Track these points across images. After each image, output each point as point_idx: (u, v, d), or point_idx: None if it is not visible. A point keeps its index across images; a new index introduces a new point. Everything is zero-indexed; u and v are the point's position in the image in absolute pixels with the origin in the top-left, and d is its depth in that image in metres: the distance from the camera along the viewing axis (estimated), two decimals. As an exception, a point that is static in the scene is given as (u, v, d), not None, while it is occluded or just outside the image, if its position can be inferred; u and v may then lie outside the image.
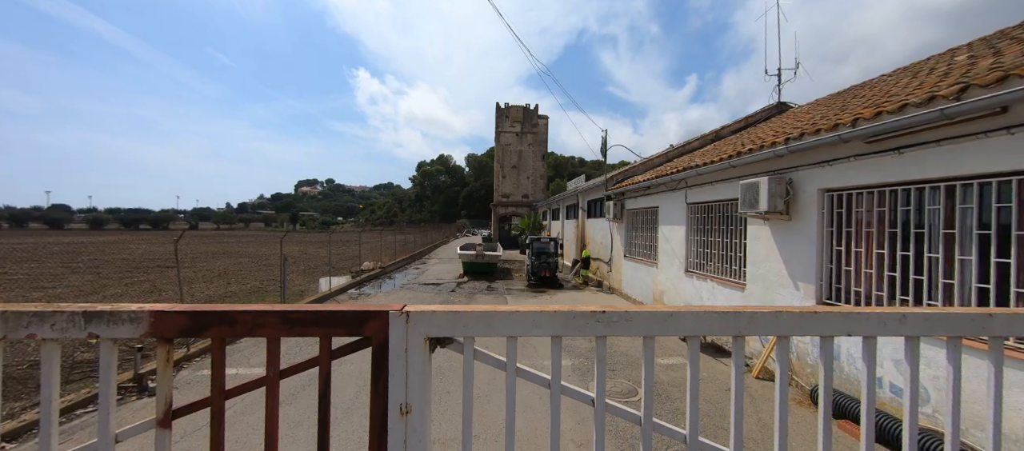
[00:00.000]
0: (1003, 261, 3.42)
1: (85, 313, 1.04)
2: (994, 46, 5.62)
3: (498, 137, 34.76)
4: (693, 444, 1.17)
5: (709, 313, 1.17)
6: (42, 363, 1.05)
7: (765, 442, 4.09)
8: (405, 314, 1.10)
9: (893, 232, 4.35)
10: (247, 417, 4.51)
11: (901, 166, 4.18)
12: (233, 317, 1.07)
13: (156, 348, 1.08)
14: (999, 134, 3.34)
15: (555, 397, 1.16)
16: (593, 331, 1.15)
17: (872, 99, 5.85)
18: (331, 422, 1.14)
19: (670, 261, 9.16)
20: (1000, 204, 3.45)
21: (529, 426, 4.31)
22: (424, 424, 1.12)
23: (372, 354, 1.11)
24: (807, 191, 5.36)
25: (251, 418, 4.49)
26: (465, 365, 1.15)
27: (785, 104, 13.04)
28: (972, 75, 3.70)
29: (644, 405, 1.18)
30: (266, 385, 1.11)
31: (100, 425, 1.06)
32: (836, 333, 1.18)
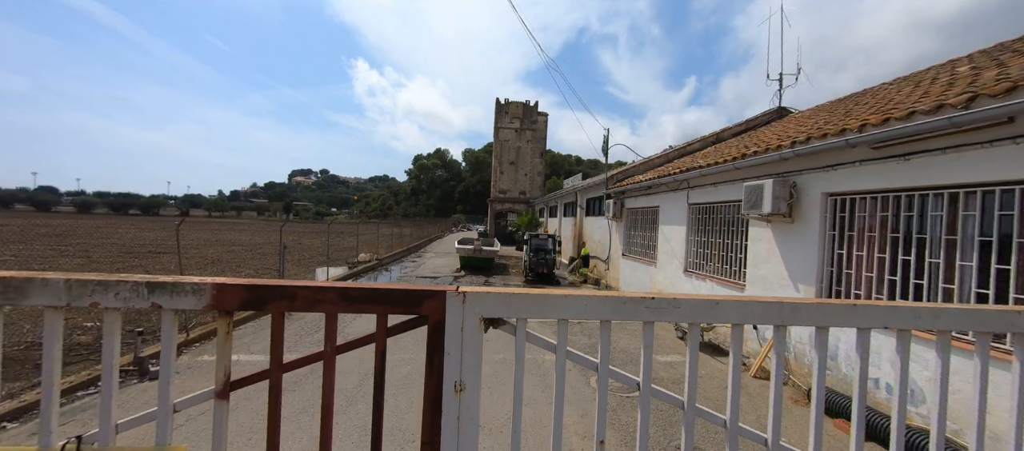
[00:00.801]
0: (1003, 267, 3.52)
1: (148, 284, 1.05)
2: (996, 58, 5.73)
3: (497, 133, 34.70)
4: (733, 429, 1.21)
5: (752, 303, 1.20)
6: (104, 332, 1.06)
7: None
8: (462, 295, 1.13)
9: (895, 237, 4.45)
10: (251, 403, 4.50)
11: (906, 172, 4.26)
12: (293, 292, 1.09)
13: (217, 320, 1.10)
14: (1005, 143, 3.42)
15: (602, 379, 1.20)
16: (641, 316, 1.18)
17: (875, 106, 5.94)
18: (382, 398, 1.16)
19: (669, 260, 9.25)
20: (1003, 212, 3.54)
21: (531, 416, 4.36)
22: (476, 401, 1.15)
23: (428, 332, 1.14)
24: (811, 195, 5.45)
25: (255, 403, 4.48)
26: (517, 345, 1.17)
27: (785, 109, 13.17)
28: (979, 85, 3.79)
29: (688, 390, 1.21)
30: (323, 360, 1.13)
31: (160, 395, 1.07)
32: (874, 326, 1.22)
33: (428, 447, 1.14)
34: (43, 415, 1.03)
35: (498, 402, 4.69)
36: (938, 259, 4.03)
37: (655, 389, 1.21)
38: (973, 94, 3.51)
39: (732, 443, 1.21)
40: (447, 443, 1.13)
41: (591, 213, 16.32)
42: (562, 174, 56.43)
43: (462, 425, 1.14)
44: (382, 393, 1.16)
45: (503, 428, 4.15)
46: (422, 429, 1.15)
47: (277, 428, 1.12)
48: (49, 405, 1.03)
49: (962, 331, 1.27)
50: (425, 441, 1.14)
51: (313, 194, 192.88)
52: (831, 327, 1.22)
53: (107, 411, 1.05)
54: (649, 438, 1.22)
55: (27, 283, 1.01)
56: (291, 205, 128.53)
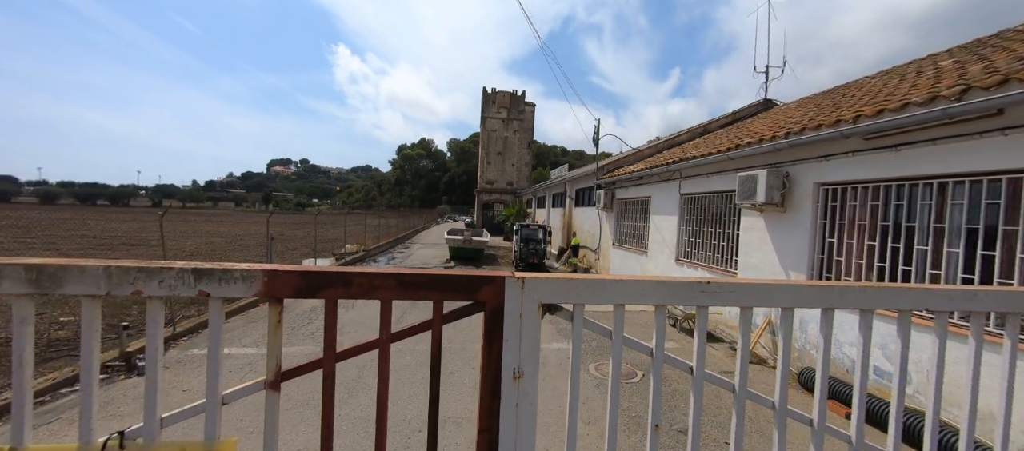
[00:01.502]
0: (988, 254, 3.69)
1: (195, 270, 0.99)
2: (977, 53, 5.95)
3: (484, 122, 34.40)
4: (782, 410, 1.23)
5: (802, 286, 1.22)
6: (148, 321, 1.00)
7: (759, 420, 4.31)
8: (521, 280, 1.10)
9: (885, 225, 4.61)
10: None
11: (897, 163, 4.40)
12: (349, 279, 1.05)
13: (268, 308, 1.04)
14: (994, 135, 3.56)
15: (657, 365, 1.20)
16: (696, 300, 1.18)
17: (863, 99, 6.11)
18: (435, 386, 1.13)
19: (660, 250, 9.39)
20: (990, 201, 3.70)
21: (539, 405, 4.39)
22: (534, 388, 1.13)
23: (486, 319, 1.11)
24: (803, 184, 5.59)
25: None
26: (574, 331, 1.16)
27: (771, 101, 13.44)
28: (970, 78, 3.92)
29: (739, 374, 1.22)
30: (379, 347, 1.10)
31: (208, 386, 1.02)
32: (915, 308, 1.25)
33: (486, 434, 1.12)
34: (83, 411, 0.97)
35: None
36: (926, 246, 4.19)
37: (708, 373, 1.22)
38: (966, 86, 3.63)
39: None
40: (506, 431, 1.12)
41: (580, 203, 16.41)
42: (548, 165, 56.49)
43: (520, 413, 1.12)
44: (438, 381, 1.13)
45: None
46: (479, 416, 1.13)
47: (331, 417, 1.08)
48: (89, 400, 0.97)
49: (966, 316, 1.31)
50: (483, 428, 1.13)
51: (293, 184, 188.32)
52: (876, 311, 1.25)
53: (152, 405, 1.00)
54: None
55: (63, 271, 0.94)
56: (271, 196, 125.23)
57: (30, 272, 0.93)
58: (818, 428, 1.25)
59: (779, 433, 1.24)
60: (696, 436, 1.21)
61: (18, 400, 0.95)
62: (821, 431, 1.24)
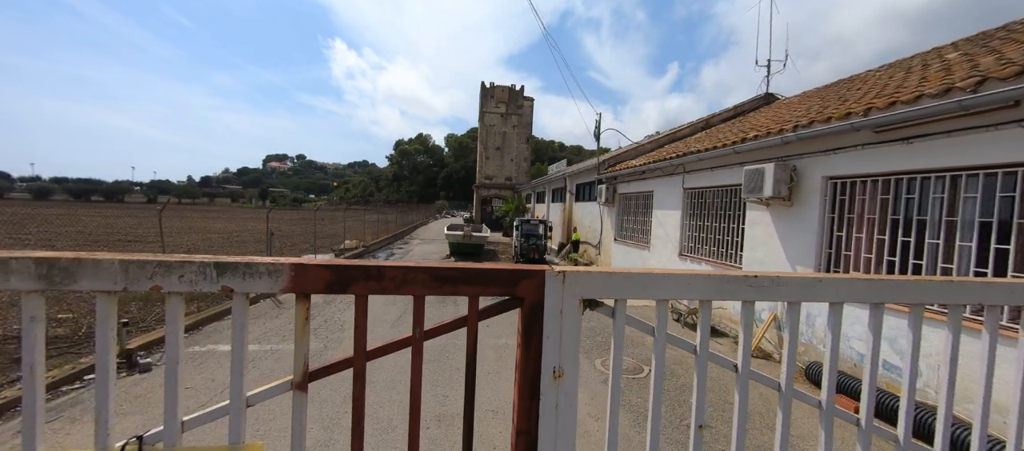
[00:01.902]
0: (1002, 247, 3.65)
1: (217, 264, 0.92)
2: (985, 45, 5.90)
3: (482, 117, 34.21)
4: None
5: (854, 281, 1.16)
6: (167, 318, 0.93)
7: (768, 415, 4.28)
8: (561, 274, 1.04)
9: (895, 219, 4.57)
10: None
11: (908, 156, 4.36)
12: (381, 272, 0.98)
13: (295, 304, 0.98)
14: (1010, 126, 3.51)
15: (701, 363, 1.14)
16: (744, 295, 1.13)
17: (870, 92, 6.06)
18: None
19: (664, 244, 9.36)
20: (1004, 194, 3.66)
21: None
22: (575, 388, 1.08)
23: (524, 315, 1.05)
24: (811, 178, 5.54)
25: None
26: (615, 327, 1.10)
27: (772, 95, 13.38)
28: (984, 69, 3.87)
29: (786, 372, 1.17)
30: (411, 346, 1.03)
31: (232, 388, 0.96)
32: (970, 302, 1.20)
33: (524, 436, 1.07)
34: (99, 413, 0.91)
35: (506, 388, 4.66)
36: (938, 240, 4.16)
37: (755, 372, 1.16)
38: (982, 78, 3.58)
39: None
40: (545, 433, 1.06)
41: (581, 199, 16.35)
42: (546, 160, 56.34)
43: (560, 414, 1.07)
44: (474, 378, 1.07)
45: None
46: (517, 417, 1.07)
47: (362, 419, 1.02)
48: (105, 402, 0.91)
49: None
50: (520, 429, 1.07)
51: (290, 180, 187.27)
52: (926, 304, 1.19)
53: (172, 407, 0.93)
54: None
55: (76, 265, 0.87)
56: (267, 192, 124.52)
57: (41, 266, 0.86)
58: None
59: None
60: (741, 437, 1.16)
61: (29, 407, 0.88)
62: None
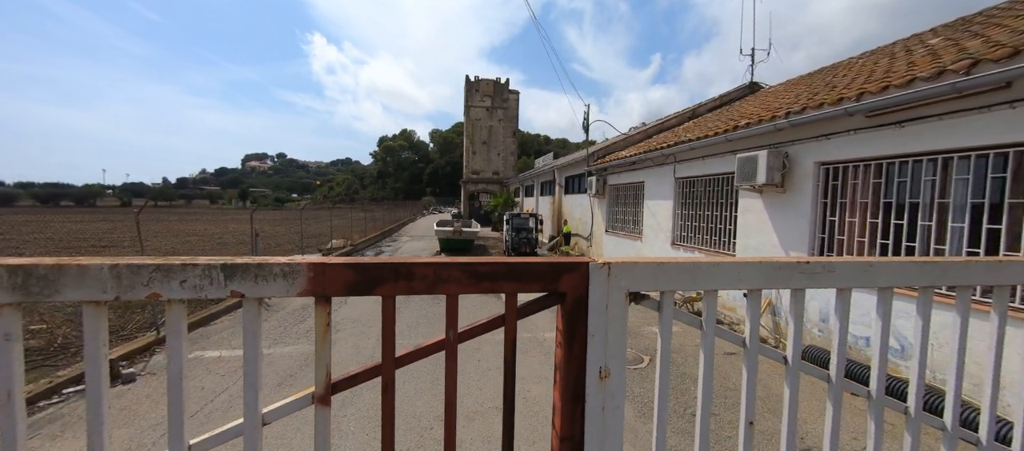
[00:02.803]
0: (994, 227, 3.72)
1: (225, 267, 0.81)
2: (967, 30, 6.01)
3: (468, 111, 33.87)
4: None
5: (905, 264, 1.11)
6: (168, 329, 0.81)
7: (770, 400, 4.32)
8: (607, 266, 0.96)
9: (888, 202, 4.63)
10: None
11: (900, 140, 4.41)
12: (411, 271, 0.88)
13: (315, 308, 0.87)
14: (1002, 108, 3.57)
15: (751, 356, 1.07)
16: (795, 283, 1.06)
17: (857, 78, 6.13)
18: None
19: (656, 234, 9.39)
20: (995, 175, 3.73)
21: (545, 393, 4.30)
22: (622, 388, 0.99)
23: (567, 311, 0.96)
24: (803, 164, 5.59)
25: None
26: (662, 321, 1.03)
27: (757, 84, 13.53)
28: (975, 52, 3.92)
29: (836, 365, 1.11)
30: (445, 349, 0.94)
31: (246, 404, 0.85)
32: (1019, 282, 1.16)
33: (568, 442, 0.98)
34: (92, 434, 0.79)
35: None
36: (930, 222, 4.23)
37: (804, 364, 1.10)
38: (974, 60, 3.62)
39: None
40: (592, 438, 0.98)
41: (570, 191, 16.33)
42: (532, 154, 56.24)
43: (607, 417, 0.98)
44: (513, 381, 0.98)
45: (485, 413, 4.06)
46: (560, 422, 0.99)
47: (392, 429, 0.92)
48: (99, 422, 0.79)
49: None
50: (564, 436, 0.99)
51: (270, 179, 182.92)
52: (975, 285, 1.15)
53: (178, 430, 0.82)
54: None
55: (57, 272, 0.75)
56: (247, 192, 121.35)
57: (15, 275, 0.73)
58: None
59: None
60: (792, 431, 1.10)
61: (9, 433, 0.75)
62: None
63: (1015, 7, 6.14)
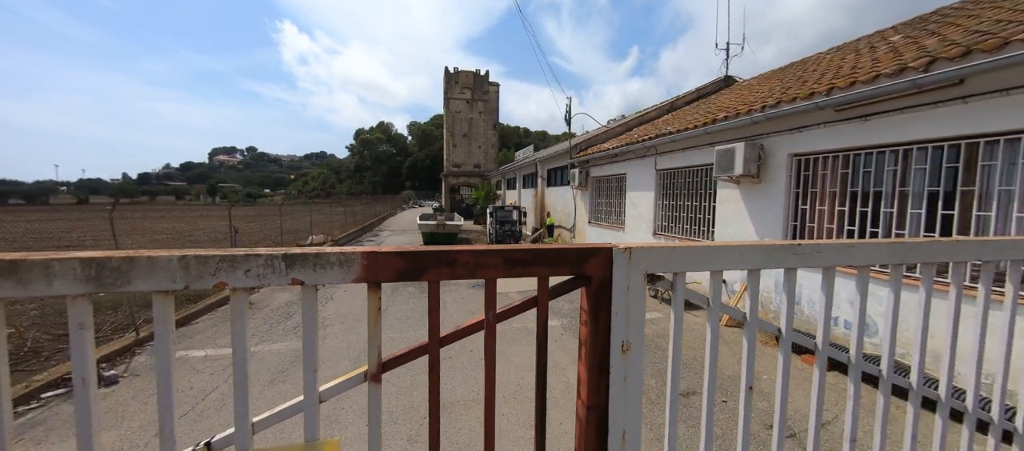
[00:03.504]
0: (948, 213, 4.06)
1: (286, 256, 0.87)
2: (924, 29, 6.42)
3: (447, 104, 33.53)
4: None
5: (881, 245, 1.26)
6: (232, 317, 0.87)
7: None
8: (628, 251, 1.06)
9: (854, 191, 4.95)
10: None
11: (865, 132, 4.71)
12: (454, 258, 0.96)
13: (367, 294, 0.94)
14: (955, 103, 3.87)
15: (751, 330, 1.20)
16: (788, 263, 1.19)
17: (826, 73, 6.46)
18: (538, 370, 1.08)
19: (638, 225, 9.66)
20: (949, 164, 4.05)
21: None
22: (641, 360, 1.11)
23: (592, 292, 1.06)
24: (777, 156, 5.88)
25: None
26: (675, 300, 1.14)
27: (731, 78, 13.97)
28: (932, 50, 4.22)
29: (822, 336, 1.26)
30: (484, 329, 1.02)
31: (306, 384, 0.92)
32: (970, 259, 1.33)
33: (594, 411, 1.09)
34: (163, 422, 0.84)
35: (502, 372, 4.70)
36: (892, 209, 4.56)
37: (796, 331, 1.24)
38: (932, 58, 3.90)
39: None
40: (615, 405, 1.09)
41: (553, 183, 16.51)
42: (512, 146, 56.24)
43: (628, 386, 1.10)
44: (545, 358, 1.08)
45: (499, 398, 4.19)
46: (586, 393, 1.09)
47: (437, 405, 1.01)
48: (168, 409, 0.84)
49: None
50: (590, 404, 1.09)
51: (241, 174, 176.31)
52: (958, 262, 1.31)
53: (243, 409, 0.88)
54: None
55: (129, 264, 0.79)
56: (216, 187, 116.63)
57: (88, 267, 0.78)
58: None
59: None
60: (783, 400, 1.24)
61: (84, 423, 0.80)
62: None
63: (966, 7, 6.59)
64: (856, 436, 1.32)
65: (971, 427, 1.44)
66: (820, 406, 1.29)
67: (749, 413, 1.23)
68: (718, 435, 3.45)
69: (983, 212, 3.80)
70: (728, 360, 5.01)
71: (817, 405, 1.28)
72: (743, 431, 1.23)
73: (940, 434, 1.40)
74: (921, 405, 1.35)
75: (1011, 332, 1.43)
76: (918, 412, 1.35)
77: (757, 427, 3.57)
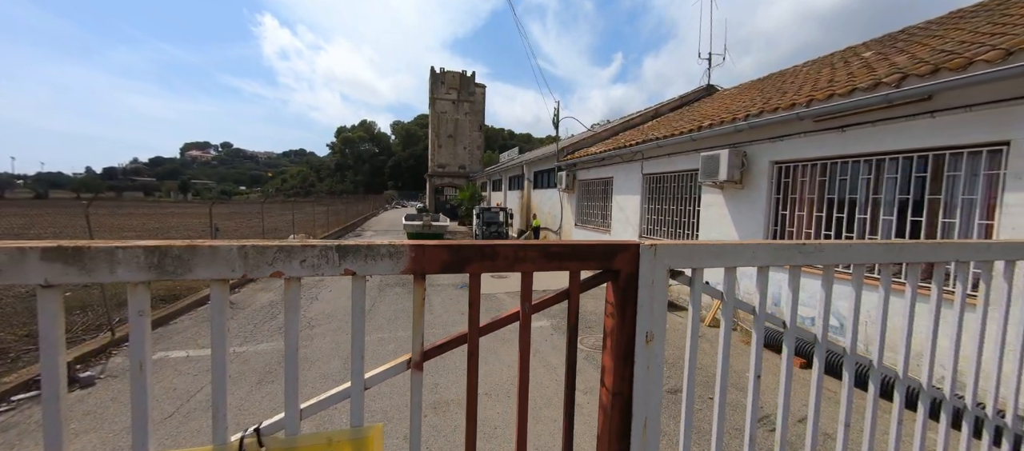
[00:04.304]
0: (916, 220, 4.33)
1: (339, 247, 0.90)
2: (893, 46, 6.81)
3: (433, 104, 33.35)
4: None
5: (874, 246, 1.37)
6: (286, 305, 0.90)
7: (736, 379, 4.77)
8: (653, 247, 1.13)
9: (831, 198, 5.22)
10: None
11: (842, 142, 4.98)
12: (495, 251, 1.01)
13: (413, 285, 0.98)
14: (923, 117, 4.14)
15: (759, 325, 1.29)
16: (795, 261, 1.29)
17: (803, 85, 6.78)
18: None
19: (624, 228, 9.86)
20: (918, 174, 4.33)
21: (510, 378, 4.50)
22: (662, 350, 1.18)
23: (619, 285, 1.13)
24: (759, 163, 6.13)
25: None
26: (693, 293, 1.22)
27: (713, 87, 14.42)
28: (903, 67, 4.50)
29: (821, 331, 1.36)
30: (520, 320, 1.08)
31: (353, 371, 0.95)
32: (941, 260, 1.46)
33: (619, 397, 1.16)
34: (216, 409, 0.86)
35: (494, 371, 4.74)
36: (866, 215, 4.83)
37: (800, 328, 1.34)
38: (903, 74, 4.17)
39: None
40: (639, 391, 1.16)
41: (540, 186, 16.64)
42: (496, 148, 56.28)
43: (651, 374, 1.17)
44: (575, 346, 1.14)
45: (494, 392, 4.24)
46: (611, 381, 1.16)
47: (475, 393, 1.05)
48: (221, 397, 0.86)
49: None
50: (615, 391, 1.16)
51: (215, 170, 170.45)
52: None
53: (292, 397, 0.91)
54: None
55: (190, 252, 0.81)
56: (189, 184, 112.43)
57: (151, 255, 0.79)
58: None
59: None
60: (788, 389, 1.34)
61: (140, 407, 0.81)
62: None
63: (931, 27, 7.02)
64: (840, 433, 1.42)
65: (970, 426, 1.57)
66: (819, 395, 1.39)
67: (757, 398, 1.32)
68: (704, 430, 3.58)
69: (948, 219, 4.08)
70: (710, 357, 5.17)
71: (816, 396, 1.39)
72: (750, 425, 1.32)
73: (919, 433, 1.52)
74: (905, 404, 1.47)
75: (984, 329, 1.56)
76: (901, 410, 1.47)
77: (738, 421, 3.72)
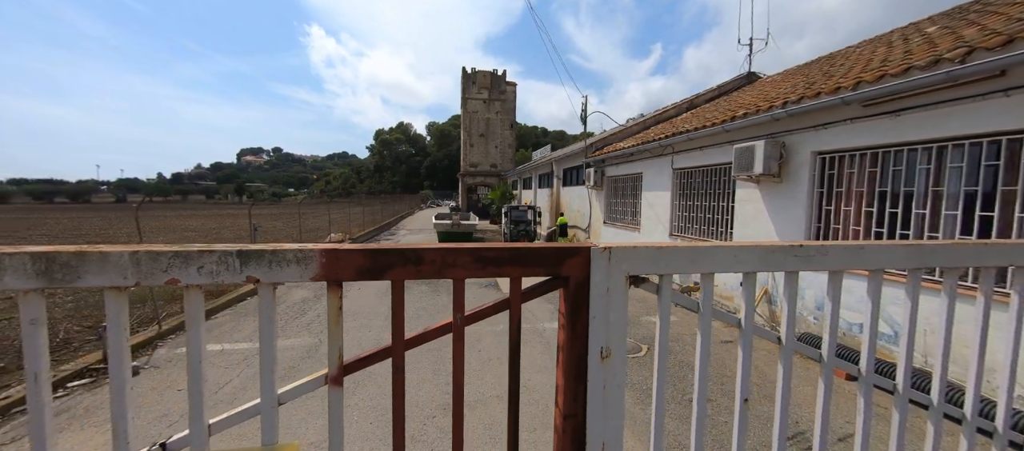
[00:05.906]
0: (987, 215, 3.78)
1: (241, 253, 0.84)
2: (964, 18, 6.02)
3: (465, 104, 33.70)
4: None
5: (895, 247, 1.15)
6: (187, 315, 0.85)
7: (765, 386, 4.40)
8: (607, 251, 0.99)
9: (883, 191, 4.68)
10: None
11: (896, 129, 4.44)
12: (420, 256, 0.91)
13: (327, 293, 0.90)
14: (996, 96, 3.60)
15: (747, 336, 1.11)
16: (789, 266, 1.10)
17: (854, 67, 6.14)
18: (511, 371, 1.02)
19: (654, 225, 9.44)
20: (988, 163, 3.77)
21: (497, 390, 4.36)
22: (623, 367, 1.03)
23: (569, 294, 1.00)
24: (800, 154, 5.62)
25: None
26: (661, 305, 1.06)
27: (755, 74, 13.51)
28: (970, 40, 3.94)
29: (828, 344, 1.15)
30: (452, 332, 0.97)
31: (263, 386, 0.89)
32: (998, 264, 1.20)
33: (570, 420, 1.03)
34: (116, 419, 0.82)
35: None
36: (924, 210, 4.28)
37: (799, 343, 1.14)
38: (969, 48, 3.64)
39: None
40: (594, 415, 1.02)
41: (568, 183, 16.35)
42: (529, 146, 56.08)
43: (609, 395, 1.03)
44: (518, 362, 1.02)
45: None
46: (562, 401, 1.03)
47: (402, 411, 0.96)
48: (122, 408, 0.82)
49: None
50: (567, 414, 1.03)
51: (267, 174, 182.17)
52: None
53: (198, 410, 0.86)
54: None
55: (79, 259, 0.77)
56: (244, 187, 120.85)
57: (38, 262, 0.76)
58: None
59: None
60: (784, 406, 1.14)
61: (37, 420, 0.79)
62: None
63: (1011, -6, 6.15)
64: None
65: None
66: (826, 416, 1.18)
67: (745, 426, 1.14)
68: (724, 441, 3.30)
69: (1026, 213, 3.52)
70: (730, 358, 4.81)
71: (823, 415, 1.18)
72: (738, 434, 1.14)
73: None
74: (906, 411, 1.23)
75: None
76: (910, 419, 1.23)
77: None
